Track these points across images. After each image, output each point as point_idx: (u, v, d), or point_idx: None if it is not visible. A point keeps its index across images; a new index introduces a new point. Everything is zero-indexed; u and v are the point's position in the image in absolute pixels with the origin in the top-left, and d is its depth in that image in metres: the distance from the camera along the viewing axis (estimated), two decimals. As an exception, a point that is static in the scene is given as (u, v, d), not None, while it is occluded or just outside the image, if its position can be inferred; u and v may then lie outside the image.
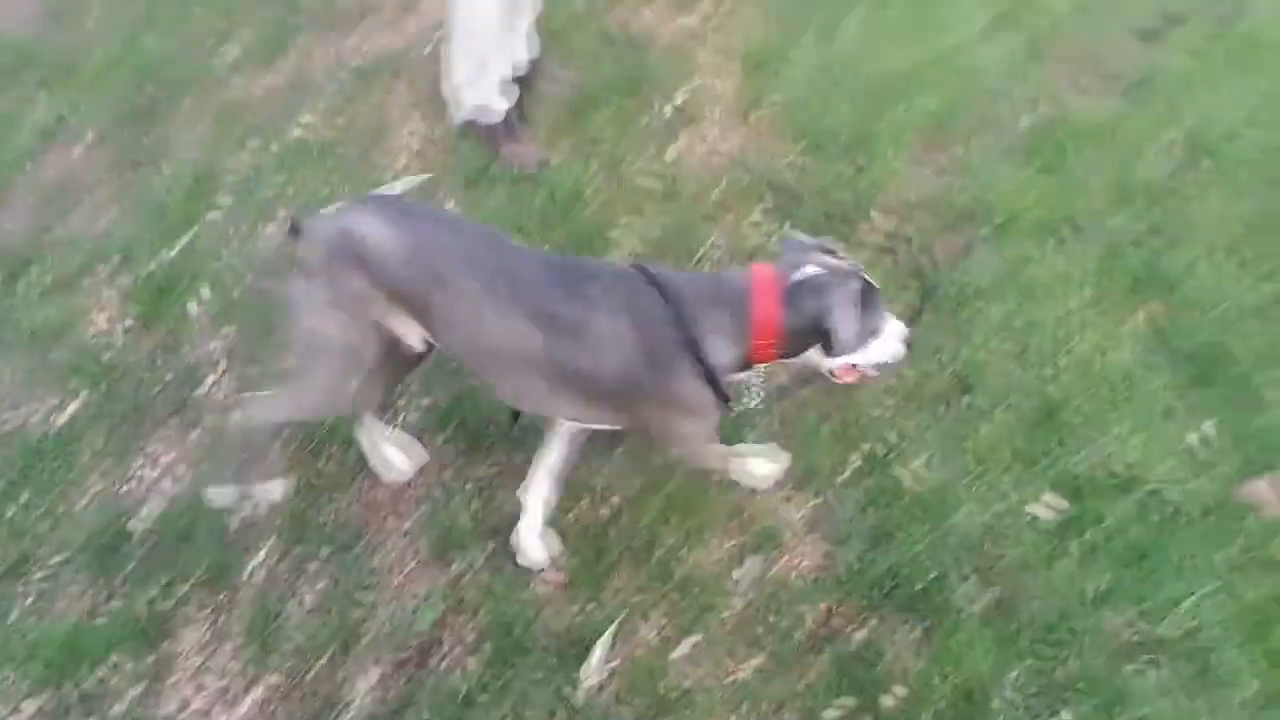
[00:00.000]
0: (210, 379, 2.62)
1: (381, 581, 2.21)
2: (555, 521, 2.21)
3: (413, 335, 1.85)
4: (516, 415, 2.13)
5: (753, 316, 1.67)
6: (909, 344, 1.81)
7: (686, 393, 1.72)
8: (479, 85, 3.02)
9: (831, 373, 1.81)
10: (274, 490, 2.31)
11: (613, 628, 2.05)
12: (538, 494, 2.13)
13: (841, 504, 2.24)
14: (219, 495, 2.29)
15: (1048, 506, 2.16)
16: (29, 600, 2.22)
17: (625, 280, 1.71)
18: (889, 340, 1.77)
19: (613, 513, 2.25)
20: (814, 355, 1.76)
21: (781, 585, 2.11)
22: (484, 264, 1.71)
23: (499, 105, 3.07)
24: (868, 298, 1.69)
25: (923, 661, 1.94)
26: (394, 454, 2.33)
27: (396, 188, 2.55)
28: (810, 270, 1.69)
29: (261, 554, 2.27)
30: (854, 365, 1.79)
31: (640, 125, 3.24)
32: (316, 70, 3.54)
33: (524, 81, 3.22)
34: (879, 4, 3.86)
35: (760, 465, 2.21)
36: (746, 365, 1.74)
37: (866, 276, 1.74)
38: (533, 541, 2.15)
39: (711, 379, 1.69)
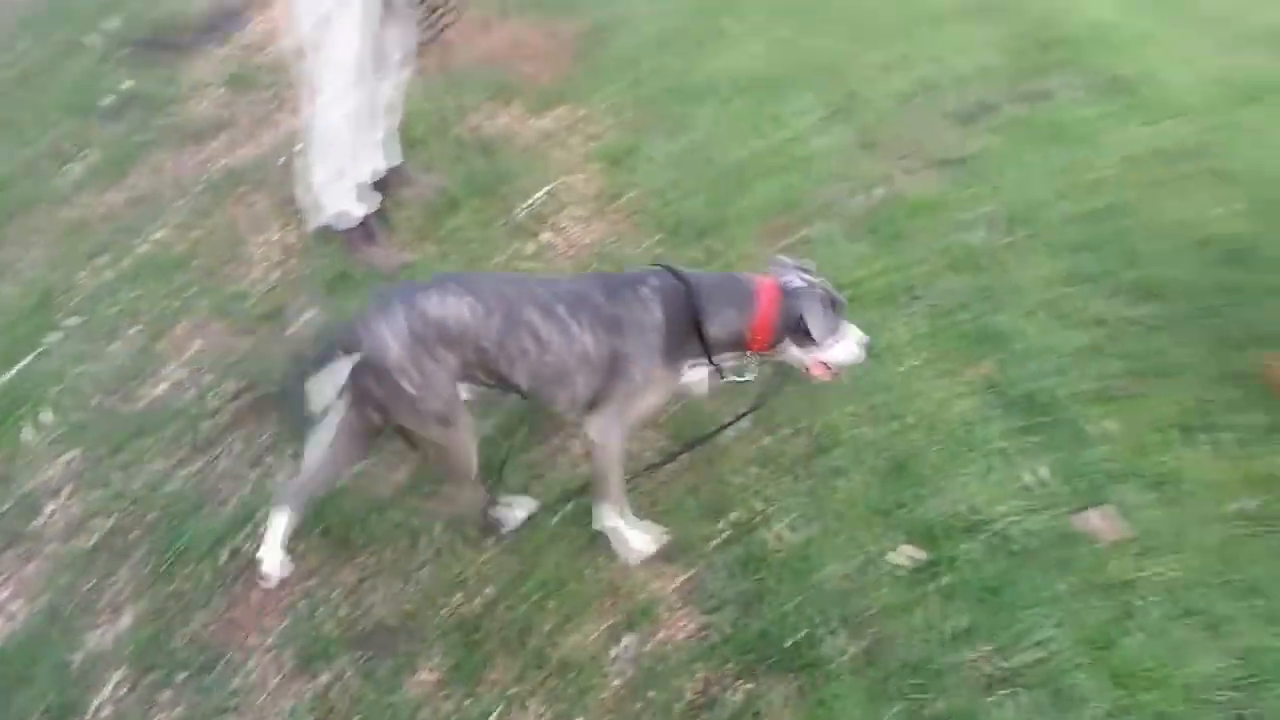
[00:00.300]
0: (50, 507, 2.48)
1: (244, 701, 2.09)
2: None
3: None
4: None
5: (756, 313, 2.05)
6: (867, 348, 2.19)
7: (678, 368, 2.11)
8: (335, 191, 3.06)
9: (806, 368, 2.17)
10: (522, 508, 2.34)
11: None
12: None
13: (712, 573, 2.27)
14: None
15: (906, 555, 2.25)
16: None
17: (657, 277, 2.07)
18: (850, 342, 2.13)
19: (486, 604, 2.22)
20: (793, 350, 2.12)
21: (659, 659, 2.11)
22: (544, 297, 2.01)
23: (356, 211, 3.11)
24: (832, 304, 2.09)
25: (798, 717, 1.96)
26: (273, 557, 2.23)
27: None
28: (795, 281, 2.09)
29: (108, 688, 2.11)
30: (824, 363, 2.14)
31: (500, 224, 3.34)
32: (168, 185, 3.51)
33: (383, 186, 3.28)
34: (723, 101, 4.14)
35: (636, 538, 2.27)
36: (741, 350, 2.12)
37: (832, 290, 2.12)
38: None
39: (709, 356, 2.08)
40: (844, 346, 2.13)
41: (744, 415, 2.49)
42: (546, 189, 3.53)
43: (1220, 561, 2.23)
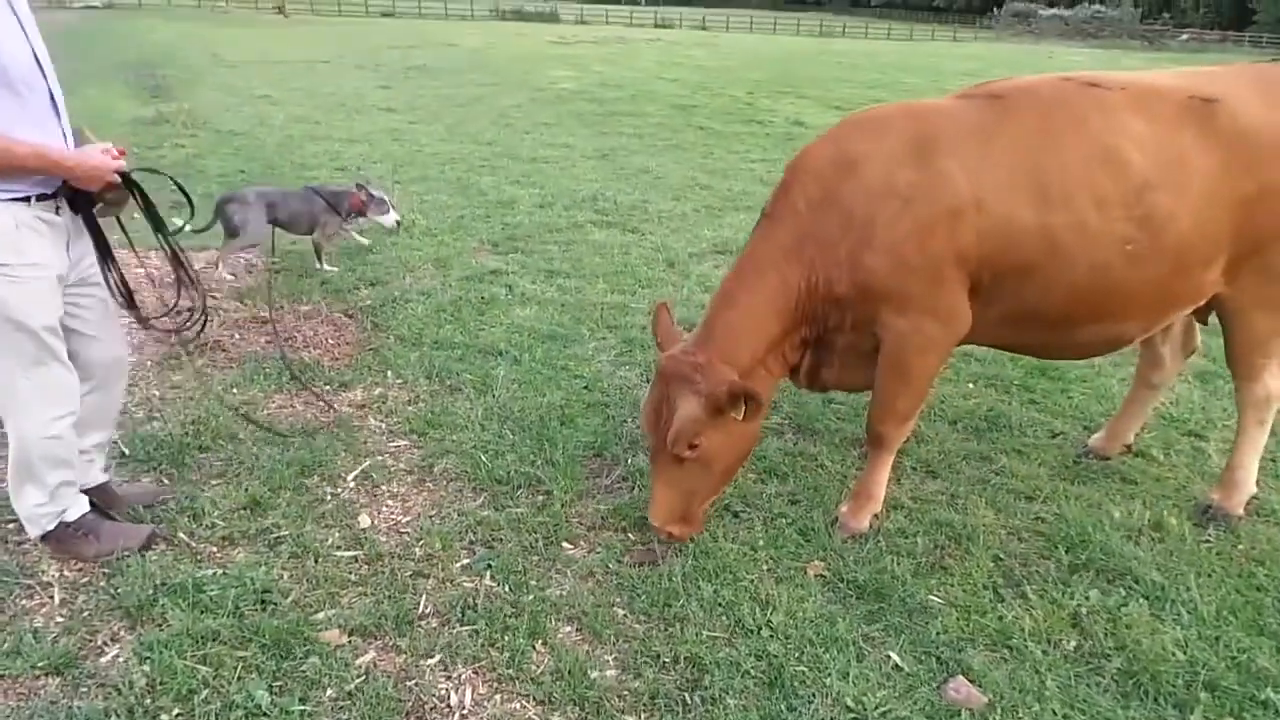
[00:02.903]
0: None
1: None
2: None
3: None
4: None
5: (352, 200, 5.49)
6: (399, 222, 5.83)
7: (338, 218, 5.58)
8: (59, 500, 2.88)
9: (384, 227, 5.78)
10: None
11: None
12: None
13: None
14: None
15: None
16: None
17: (311, 188, 5.56)
18: (391, 215, 5.66)
19: None
20: (374, 218, 5.63)
21: None
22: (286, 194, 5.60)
23: (79, 506, 2.92)
24: (381, 198, 5.60)
25: None
26: None
27: None
28: (368, 189, 5.58)
29: None
30: (387, 226, 5.75)
31: (323, 508, 3.21)
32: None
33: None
34: (516, 360, 4.39)
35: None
36: (354, 214, 5.60)
37: (383, 195, 5.66)
38: None
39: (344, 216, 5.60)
40: (389, 217, 5.59)
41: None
42: (363, 466, 3.47)
43: (1065, 705, 2.45)
